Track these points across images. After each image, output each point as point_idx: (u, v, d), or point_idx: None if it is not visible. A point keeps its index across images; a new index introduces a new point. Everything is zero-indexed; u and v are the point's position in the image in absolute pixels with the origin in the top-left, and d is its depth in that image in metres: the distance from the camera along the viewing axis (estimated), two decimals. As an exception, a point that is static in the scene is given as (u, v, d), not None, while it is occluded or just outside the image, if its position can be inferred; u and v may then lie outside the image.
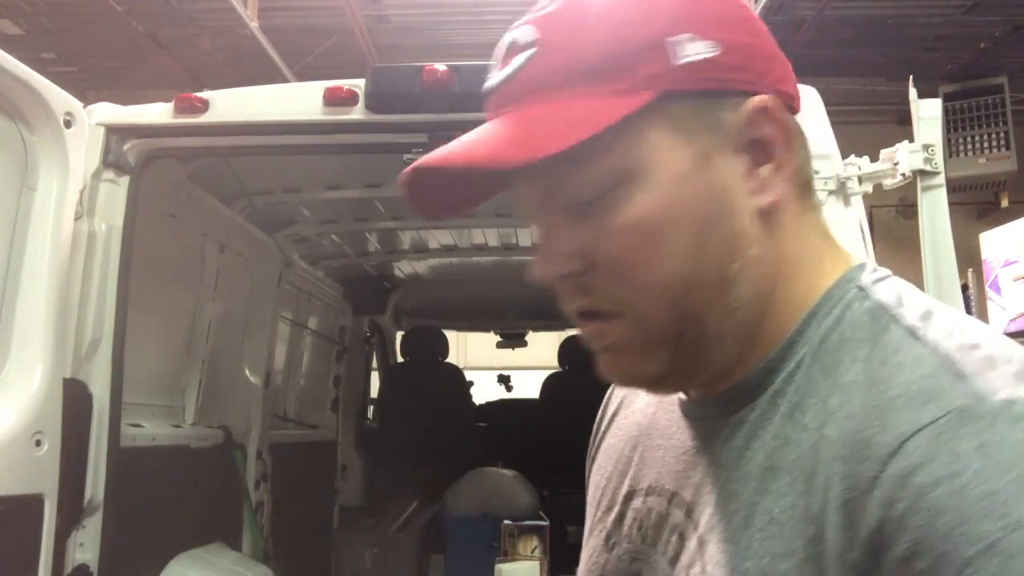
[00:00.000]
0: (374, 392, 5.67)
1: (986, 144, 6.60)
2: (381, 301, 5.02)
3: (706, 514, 0.63)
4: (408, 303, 5.45)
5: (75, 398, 2.06)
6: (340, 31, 6.13)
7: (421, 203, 0.67)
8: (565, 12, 0.62)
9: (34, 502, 1.89)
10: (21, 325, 1.91)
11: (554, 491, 4.42)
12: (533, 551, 3.34)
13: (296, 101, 2.28)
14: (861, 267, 0.65)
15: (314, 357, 4.51)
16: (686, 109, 0.60)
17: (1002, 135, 6.56)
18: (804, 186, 0.66)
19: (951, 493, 0.50)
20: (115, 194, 2.23)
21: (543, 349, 6.21)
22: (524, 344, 6.15)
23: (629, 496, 0.75)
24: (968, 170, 6.60)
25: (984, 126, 6.61)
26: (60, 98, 1.98)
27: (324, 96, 2.23)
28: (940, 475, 0.50)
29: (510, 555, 3.33)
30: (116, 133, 2.25)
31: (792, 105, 0.66)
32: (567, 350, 5.44)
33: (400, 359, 5.73)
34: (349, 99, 2.23)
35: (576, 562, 0.82)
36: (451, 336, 5.80)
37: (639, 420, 0.78)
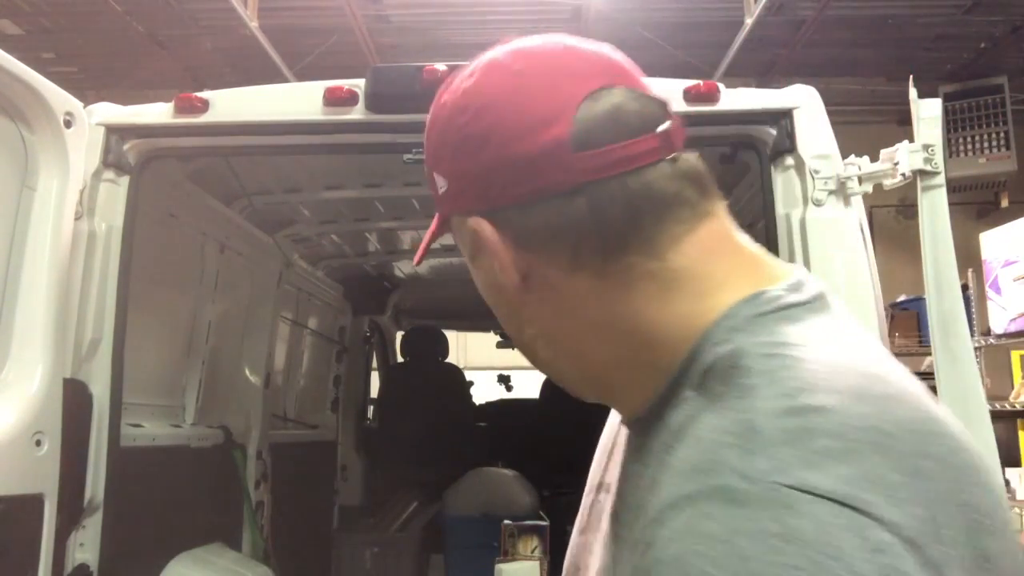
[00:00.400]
0: (374, 392, 5.67)
1: (986, 144, 6.60)
2: (381, 301, 5.02)
3: (624, 515, 0.68)
4: (408, 303, 5.45)
5: (75, 398, 2.06)
6: (340, 31, 6.14)
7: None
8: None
9: (34, 502, 1.89)
10: (21, 325, 1.90)
11: (554, 491, 4.41)
12: (533, 551, 3.34)
13: (296, 101, 2.28)
14: (752, 298, 0.64)
15: (314, 357, 4.51)
16: (454, 223, 0.73)
17: (1002, 135, 6.56)
18: (605, 252, 0.66)
19: (676, 567, 0.51)
20: (115, 194, 2.23)
21: (543, 349, 6.20)
22: (524, 344, 6.14)
23: (599, 487, 0.80)
24: (968, 170, 6.60)
25: (984, 126, 6.61)
26: (60, 98, 1.98)
27: (324, 96, 2.23)
28: (674, 552, 0.52)
29: (510, 555, 3.33)
30: (116, 133, 2.25)
31: (543, 194, 0.66)
32: (567, 350, 5.43)
33: (400, 359, 5.73)
34: (349, 99, 2.23)
35: None
36: (451, 336, 5.79)
37: (617, 419, 0.82)
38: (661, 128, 0.66)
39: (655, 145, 0.66)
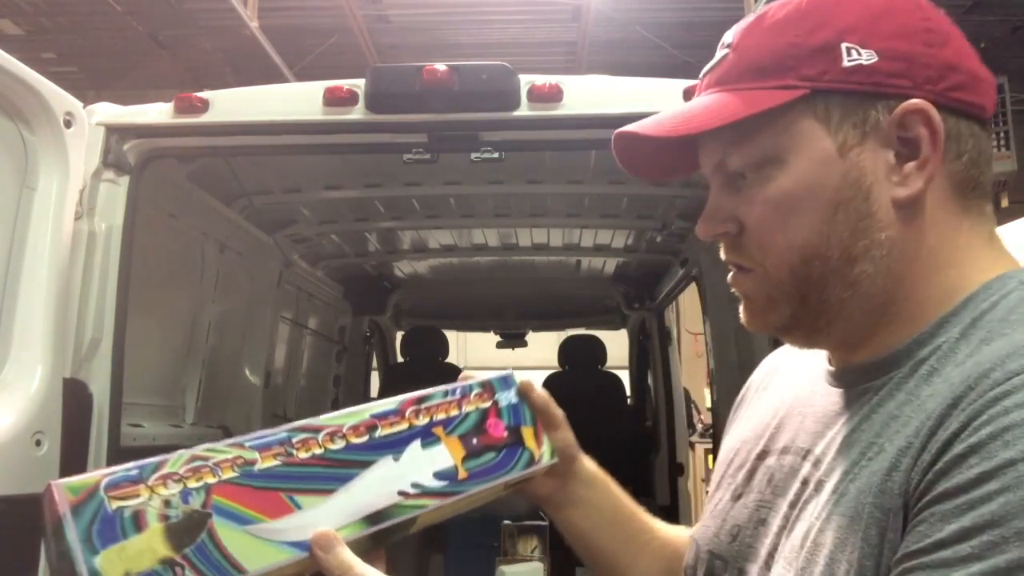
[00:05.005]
0: (374, 392, 5.67)
1: (986, 144, 6.60)
2: (381, 301, 5.01)
3: (827, 460, 0.71)
4: (408, 303, 5.44)
5: (75, 398, 2.06)
6: (340, 31, 6.15)
7: (632, 165, 0.82)
8: (756, 23, 0.75)
9: (34, 502, 1.89)
10: (21, 325, 1.90)
11: (554, 491, 4.41)
12: (533, 551, 3.34)
13: (296, 101, 2.28)
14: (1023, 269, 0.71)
15: (314, 357, 4.51)
16: (834, 106, 0.70)
17: (1002, 135, 6.57)
18: (966, 187, 0.72)
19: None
20: (115, 194, 2.23)
21: (543, 349, 6.20)
22: (524, 344, 6.14)
23: (762, 455, 0.83)
24: (968, 170, 6.60)
25: (984, 126, 6.61)
26: (60, 98, 1.98)
27: (324, 96, 2.23)
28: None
29: (510, 555, 3.32)
30: (116, 133, 2.25)
31: (973, 112, 0.72)
32: (567, 350, 5.43)
33: (400, 359, 5.73)
34: (349, 99, 2.23)
35: (577, 562, 0.85)
36: (451, 336, 5.79)
37: (783, 396, 0.86)
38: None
39: None
